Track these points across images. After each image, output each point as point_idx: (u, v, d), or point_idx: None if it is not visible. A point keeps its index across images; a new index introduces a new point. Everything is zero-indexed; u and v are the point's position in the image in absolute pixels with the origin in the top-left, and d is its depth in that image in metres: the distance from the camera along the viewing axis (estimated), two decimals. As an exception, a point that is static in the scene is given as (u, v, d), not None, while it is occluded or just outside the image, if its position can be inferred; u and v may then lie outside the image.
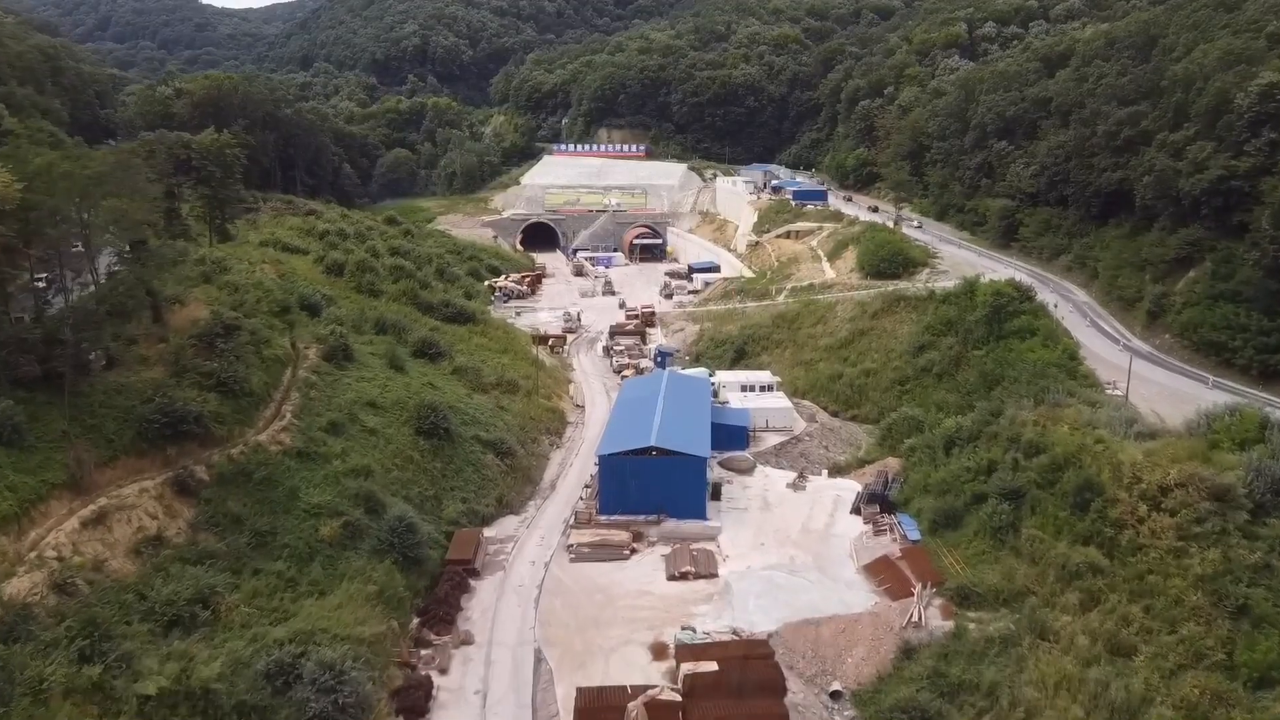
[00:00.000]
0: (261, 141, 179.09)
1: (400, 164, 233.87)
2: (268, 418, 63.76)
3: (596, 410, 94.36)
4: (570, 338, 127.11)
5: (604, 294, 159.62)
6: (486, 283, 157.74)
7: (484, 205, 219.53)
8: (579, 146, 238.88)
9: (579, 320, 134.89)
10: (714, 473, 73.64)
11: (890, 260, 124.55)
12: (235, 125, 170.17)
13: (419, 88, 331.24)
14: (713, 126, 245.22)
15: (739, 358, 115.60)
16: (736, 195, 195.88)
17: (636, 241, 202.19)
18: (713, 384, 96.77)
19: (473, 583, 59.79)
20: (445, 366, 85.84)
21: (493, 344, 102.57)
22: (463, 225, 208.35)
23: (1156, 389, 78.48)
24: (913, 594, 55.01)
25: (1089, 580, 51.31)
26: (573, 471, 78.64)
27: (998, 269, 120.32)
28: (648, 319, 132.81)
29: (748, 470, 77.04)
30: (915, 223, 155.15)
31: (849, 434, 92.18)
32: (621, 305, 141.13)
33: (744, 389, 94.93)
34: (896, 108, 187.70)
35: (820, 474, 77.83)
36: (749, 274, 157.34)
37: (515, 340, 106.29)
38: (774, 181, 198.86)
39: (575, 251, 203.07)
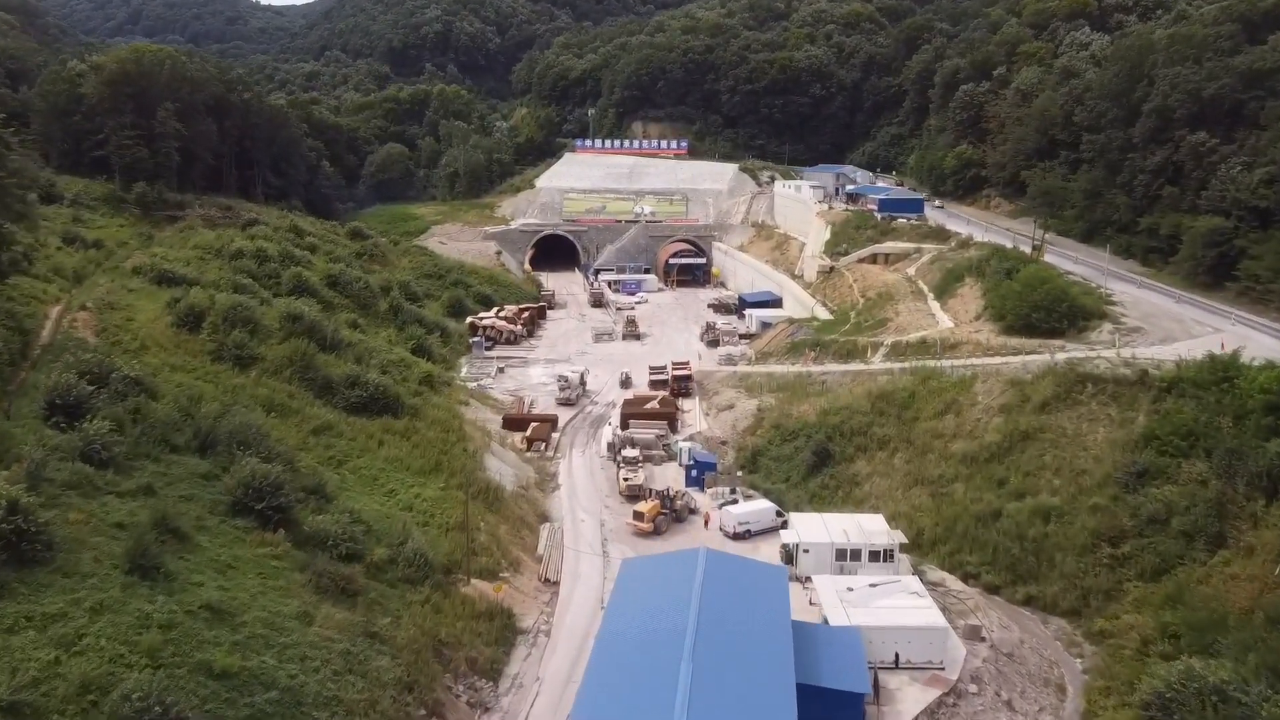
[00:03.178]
0: (201, 131, 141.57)
1: (393, 162, 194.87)
2: None
3: (580, 594, 53.25)
4: (566, 415, 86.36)
5: (625, 337, 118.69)
6: (468, 320, 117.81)
7: (489, 213, 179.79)
8: (607, 143, 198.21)
9: (582, 385, 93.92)
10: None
11: (1046, 308, 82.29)
12: (162, 110, 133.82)
13: (438, 78, 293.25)
14: (770, 119, 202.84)
15: (820, 464, 73.90)
16: (801, 204, 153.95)
17: (673, 261, 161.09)
18: (784, 544, 55.73)
19: None
20: (281, 538, 45.20)
21: (416, 457, 61.82)
22: (461, 237, 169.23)
23: None
24: None
25: None
26: (504, 792, 37.85)
27: (1227, 328, 77.46)
28: (680, 387, 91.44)
29: (874, 819, 35.65)
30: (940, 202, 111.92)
31: (1039, 659, 50.03)
32: (625, 382, 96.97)
33: (842, 557, 53.46)
34: (1013, 92, 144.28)
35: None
36: (822, 313, 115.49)
37: (458, 446, 65.42)
38: (849, 187, 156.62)
39: (597, 272, 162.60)
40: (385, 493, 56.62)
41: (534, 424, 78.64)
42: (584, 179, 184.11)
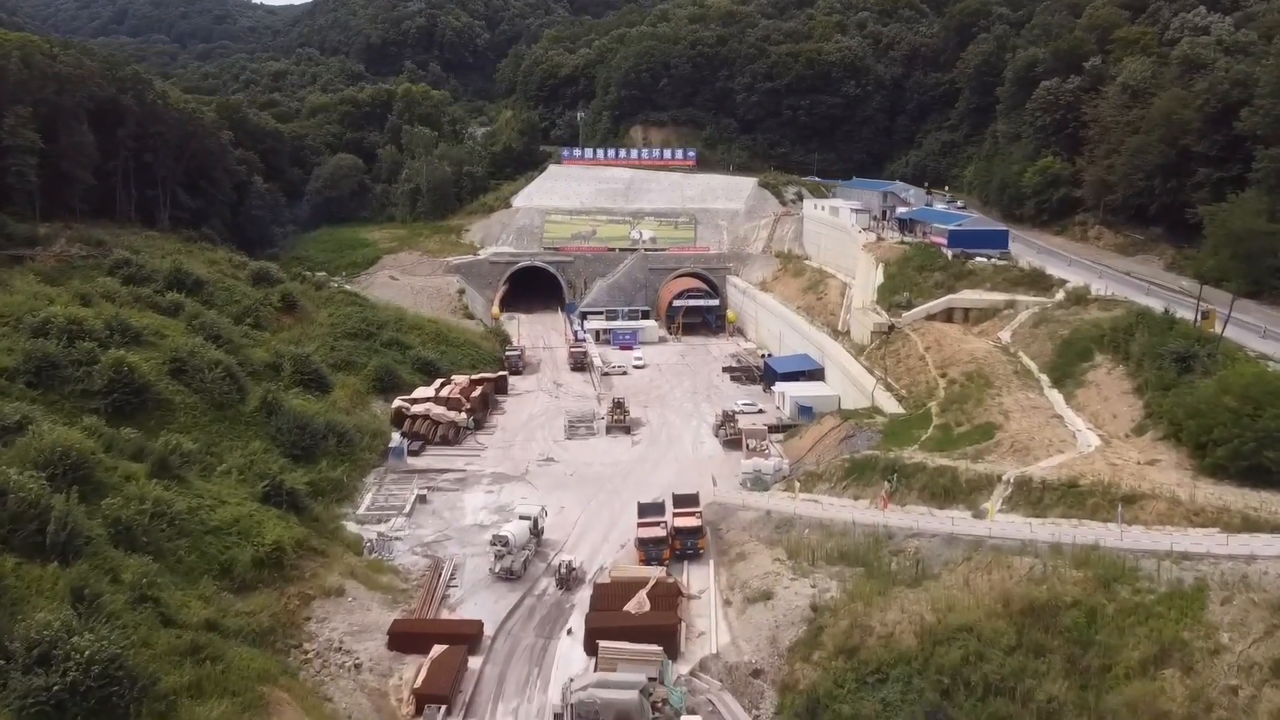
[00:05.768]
0: (75, 143, 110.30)
1: (343, 176, 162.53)
2: None
3: None
4: (504, 606, 53.83)
5: (611, 429, 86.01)
6: (395, 404, 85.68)
7: (455, 238, 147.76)
8: (600, 152, 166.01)
9: (535, 539, 60.83)
10: None
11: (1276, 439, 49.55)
12: (11, 116, 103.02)
13: (418, 77, 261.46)
14: (794, 123, 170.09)
15: (934, 749, 41.37)
16: (840, 231, 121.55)
17: (679, 303, 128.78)
18: None
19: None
20: None
21: None
22: (417, 270, 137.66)
23: None
24: None
25: None
26: None
27: None
28: (686, 546, 58.64)
29: None
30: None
31: None
32: (563, 580, 56.37)
33: None
34: (1119, 90, 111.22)
35: None
36: (886, 400, 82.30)
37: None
38: (900, 210, 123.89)
39: (584, 316, 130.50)
40: None
41: (436, 651, 46.02)
42: (571, 196, 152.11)
